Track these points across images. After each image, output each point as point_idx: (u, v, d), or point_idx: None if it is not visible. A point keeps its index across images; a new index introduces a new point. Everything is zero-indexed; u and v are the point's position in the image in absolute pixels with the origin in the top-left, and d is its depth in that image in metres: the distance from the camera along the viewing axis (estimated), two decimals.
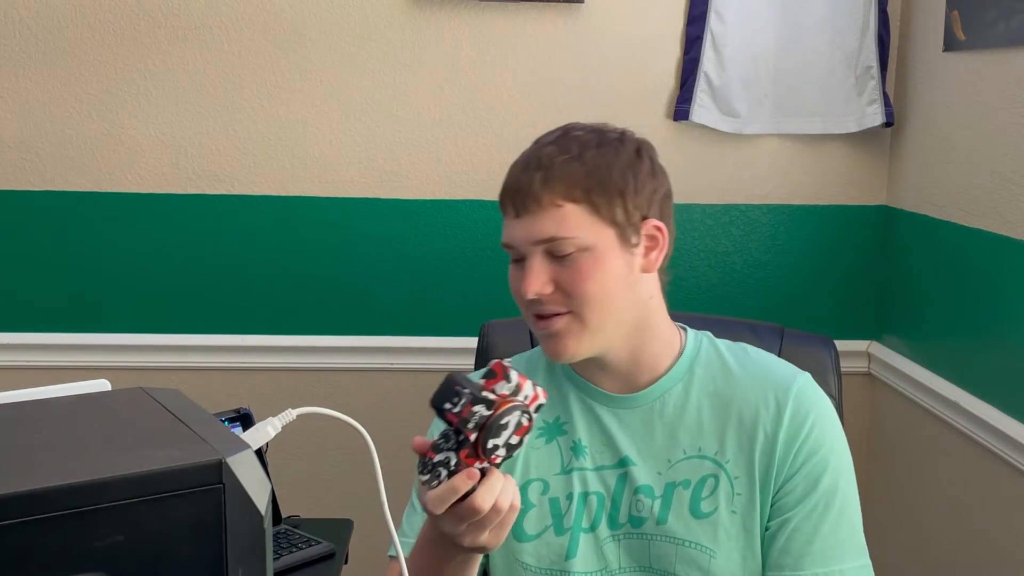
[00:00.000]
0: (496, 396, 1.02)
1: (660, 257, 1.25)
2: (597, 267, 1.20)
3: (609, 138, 1.25)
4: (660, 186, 1.26)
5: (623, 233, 1.22)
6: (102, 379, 1.24)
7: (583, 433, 1.30)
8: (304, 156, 2.29)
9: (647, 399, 1.28)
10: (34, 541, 0.64)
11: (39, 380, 1.19)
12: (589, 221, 1.20)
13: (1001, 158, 1.92)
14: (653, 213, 1.24)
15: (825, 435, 1.24)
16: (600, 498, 1.28)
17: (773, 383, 1.27)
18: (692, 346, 1.31)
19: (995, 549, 1.94)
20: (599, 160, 1.21)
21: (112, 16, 2.22)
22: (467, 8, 2.26)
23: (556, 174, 1.20)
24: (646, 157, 1.26)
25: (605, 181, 1.20)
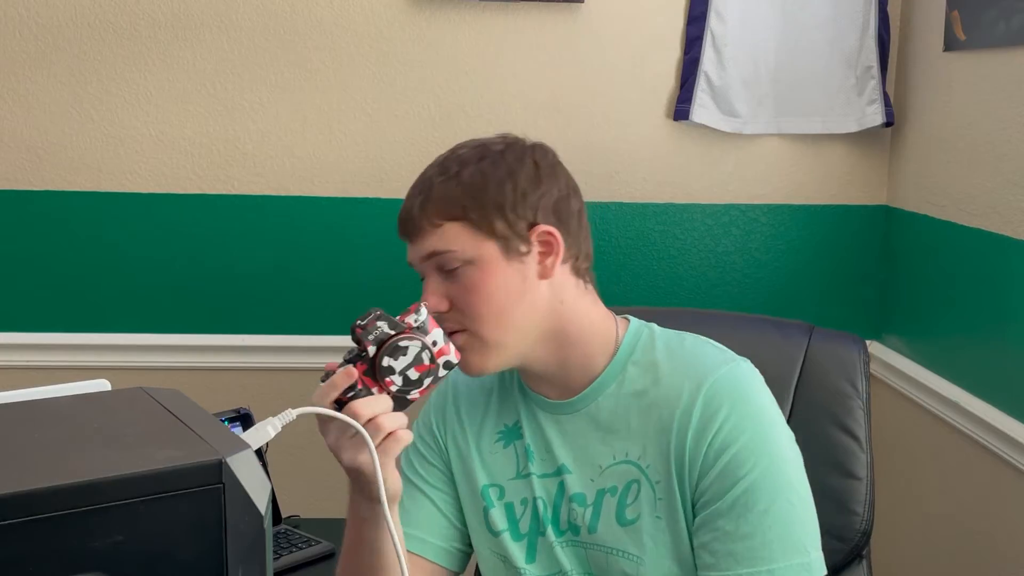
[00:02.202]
0: (403, 323, 1.10)
1: (557, 261, 1.22)
2: (484, 280, 1.19)
3: (491, 151, 1.23)
4: (550, 189, 1.23)
5: (507, 244, 1.19)
6: (102, 379, 1.24)
7: (531, 440, 1.29)
8: (304, 156, 2.29)
9: (583, 404, 1.26)
10: (34, 541, 0.64)
11: (39, 380, 1.19)
12: (469, 235, 1.19)
13: (1001, 158, 1.92)
14: (543, 218, 1.22)
15: (742, 427, 1.17)
16: (544, 505, 1.28)
17: (692, 375, 1.22)
18: (628, 342, 1.27)
19: (995, 549, 1.94)
20: (475, 176, 1.20)
21: (112, 16, 2.22)
22: (467, 8, 2.26)
23: (433, 196, 1.20)
24: (529, 163, 1.23)
25: (480, 196, 1.19)
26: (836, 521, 1.45)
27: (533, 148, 1.27)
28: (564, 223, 1.23)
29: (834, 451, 1.48)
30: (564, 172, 1.28)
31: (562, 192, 1.25)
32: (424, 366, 1.10)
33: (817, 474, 1.43)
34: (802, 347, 1.53)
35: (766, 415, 1.20)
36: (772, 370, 1.48)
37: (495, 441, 1.31)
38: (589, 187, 2.31)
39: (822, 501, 1.43)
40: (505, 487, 1.30)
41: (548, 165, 1.26)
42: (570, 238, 1.23)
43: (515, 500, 1.29)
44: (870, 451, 1.49)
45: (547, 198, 1.23)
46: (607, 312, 1.30)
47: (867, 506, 1.47)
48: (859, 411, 1.49)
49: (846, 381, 1.47)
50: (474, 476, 1.32)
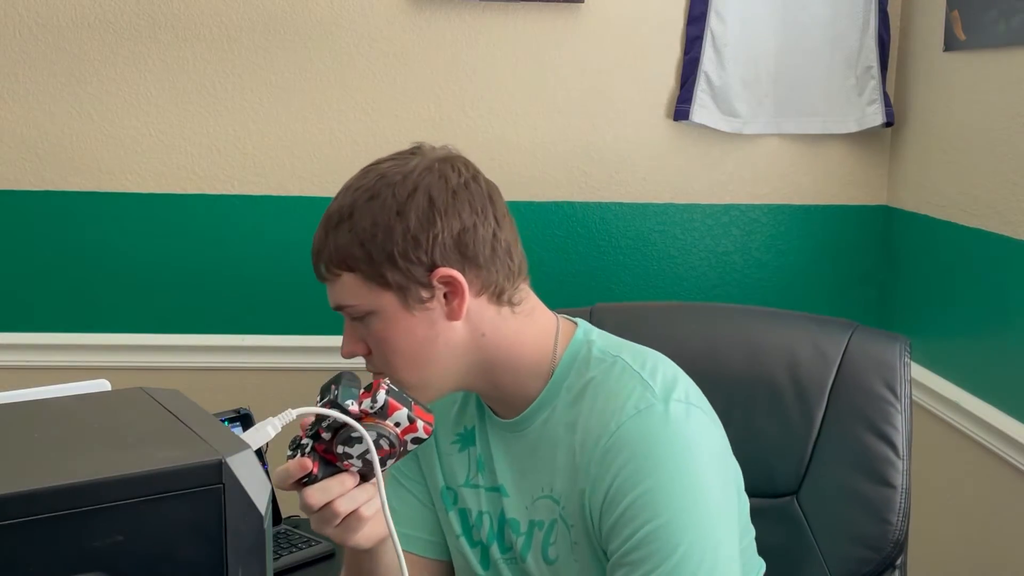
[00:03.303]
0: (358, 410, 1.03)
1: (464, 303, 1.13)
2: (388, 331, 1.14)
3: (382, 187, 1.14)
4: (448, 225, 1.13)
5: (404, 294, 1.12)
6: (102, 379, 1.24)
7: (482, 450, 1.26)
8: (304, 156, 2.29)
9: (524, 426, 1.20)
10: (34, 541, 0.64)
11: (39, 380, 1.19)
12: (365, 288, 1.13)
13: (1001, 158, 1.92)
14: (443, 260, 1.12)
15: (642, 477, 1.08)
16: (490, 519, 1.25)
17: (604, 417, 1.12)
18: (564, 365, 1.18)
19: (995, 549, 1.94)
20: (365, 221, 1.12)
21: (112, 16, 2.22)
22: (467, 8, 2.26)
23: (328, 245, 1.14)
24: (421, 200, 1.13)
25: (370, 245, 1.12)
26: (868, 530, 1.40)
27: (431, 175, 1.15)
28: (470, 258, 1.14)
29: (867, 457, 1.42)
30: (470, 195, 1.16)
31: (465, 223, 1.14)
32: (385, 451, 1.04)
33: (849, 480, 1.41)
34: (840, 346, 1.46)
35: (673, 466, 1.09)
36: (807, 371, 1.45)
37: (452, 442, 1.29)
38: (589, 187, 2.33)
39: (852, 508, 1.40)
40: (458, 493, 1.28)
41: (446, 195, 1.14)
42: (480, 272, 1.14)
43: (467, 507, 1.27)
44: (908, 458, 1.42)
45: (444, 236, 1.13)
46: (544, 328, 1.21)
47: (901, 515, 1.40)
48: (896, 416, 1.42)
49: (883, 384, 1.42)
50: (435, 476, 1.30)
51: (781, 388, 1.47)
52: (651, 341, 1.53)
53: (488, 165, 2.28)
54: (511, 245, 1.19)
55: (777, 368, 1.48)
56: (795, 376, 1.46)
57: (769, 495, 1.46)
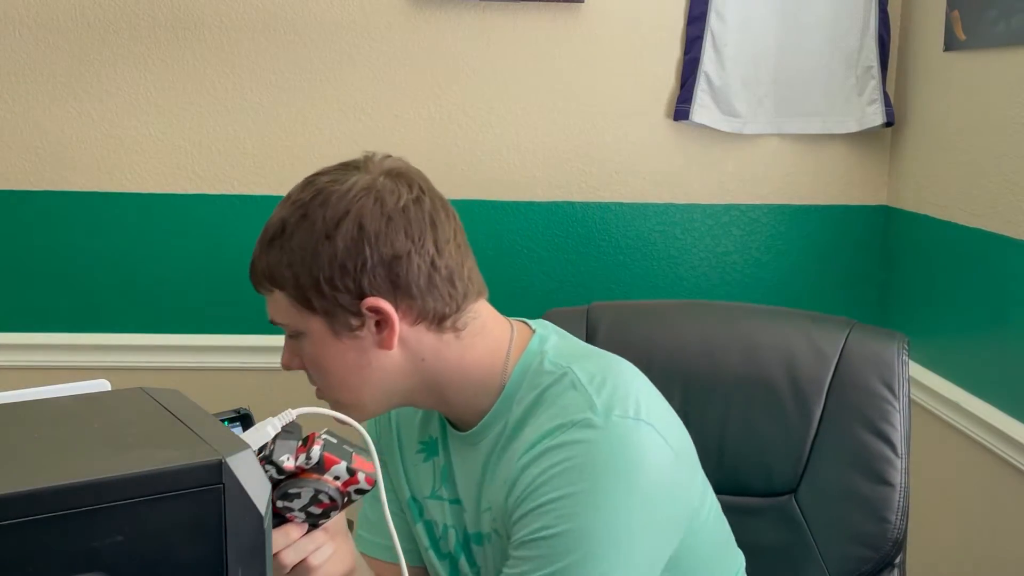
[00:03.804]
0: (293, 465, 1.00)
1: (395, 335, 1.08)
2: (318, 354, 1.10)
3: (316, 205, 1.09)
4: (375, 255, 1.07)
5: (332, 320, 1.08)
6: (102, 379, 1.24)
7: (445, 460, 1.22)
8: (304, 156, 2.29)
9: (477, 439, 1.16)
10: (34, 541, 0.64)
11: (39, 380, 1.18)
12: (295, 308, 1.09)
13: (1001, 158, 1.92)
14: (372, 289, 1.07)
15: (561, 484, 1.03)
16: (455, 532, 1.22)
17: (546, 421, 1.09)
18: (516, 377, 1.14)
19: (995, 549, 1.94)
20: (295, 241, 1.08)
21: (112, 16, 2.22)
22: (467, 8, 2.26)
23: (262, 259, 1.11)
24: (350, 226, 1.07)
25: (298, 267, 1.07)
26: (866, 529, 1.40)
27: (367, 197, 1.09)
28: (402, 288, 1.08)
29: (865, 456, 1.42)
30: (407, 221, 1.09)
31: (398, 252, 1.08)
32: (324, 504, 1.01)
33: (847, 479, 1.41)
34: (838, 344, 1.46)
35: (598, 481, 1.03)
36: (805, 369, 1.45)
37: (417, 452, 1.25)
38: (589, 187, 2.33)
39: (851, 507, 1.40)
40: (424, 505, 1.25)
41: (379, 222, 1.08)
42: (414, 302, 1.09)
43: (434, 519, 1.24)
44: (907, 456, 1.42)
45: (374, 264, 1.07)
46: (495, 343, 1.15)
47: (900, 514, 1.40)
48: (894, 414, 1.42)
49: (881, 382, 1.41)
50: (401, 487, 1.27)
51: (779, 386, 1.47)
52: (647, 339, 1.52)
53: (488, 165, 2.30)
54: (454, 271, 1.11)
55: (775, 366, 1.47)
56: (793, 374, 1.46)
57: (767, 494, 1.46)
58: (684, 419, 1.49)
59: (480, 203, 2.31)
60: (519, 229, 2.33)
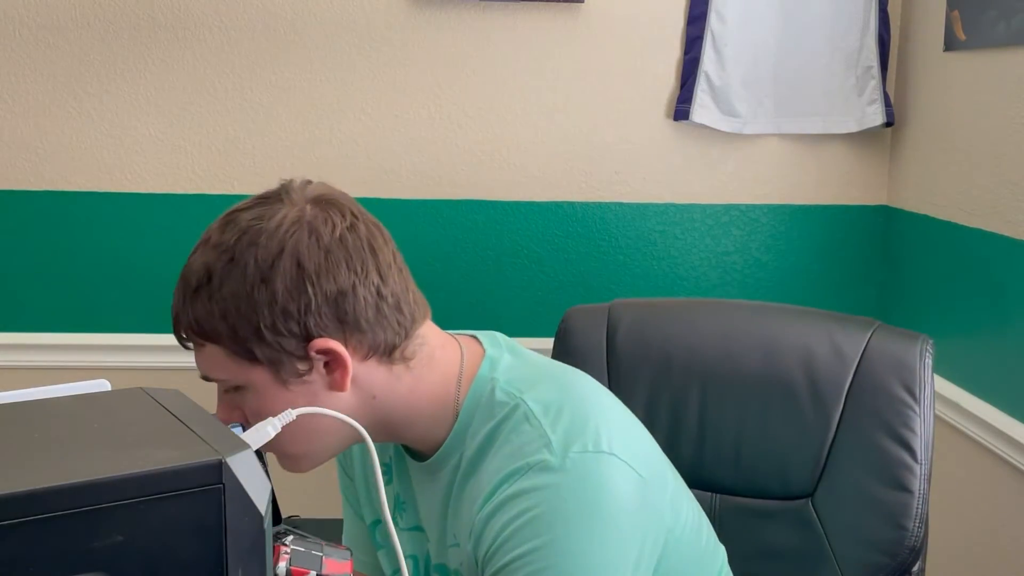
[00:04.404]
0: None
1: (347, 374, 1.02)
2: (264, 404, 1.01)
3: (243, 246, 1.00)
4: (319, 293, 0.99)
5: (277, 369, 1.00)
6: (102, 379, 1.24)
7: (400, 488, 1.17)
8: (304, 156, 2.29)
9: (436, 468, 1.11)
10: (34, 541, 0.64)
11: (39, 380, 1.18)
12: (232, 362, 1.01)
13: (1001, 158, 1.92)
14: (319, 329, 0.99)
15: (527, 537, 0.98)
16: (415, 562, 1.17)
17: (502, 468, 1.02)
18: (468, 409, 1.07)
19: (995, 549, 1.94)
20: (225, 290, 0.99)
21: (112, 16, 2.22)
22: (467, 8, 2.26)
23: (187, 312, 1.03)
24: (287, 264, 0.99)
25: (233, 318, 0.99)
26: (883, 535, 1.37)
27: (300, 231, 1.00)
28: (351, 324, 1.01)
29: (883, 461, 1.39)
30: (346, 252, 1.01)
31: (343, 287, 1.00)
32: None
33: (865, 484, 1.38)
34: (860, 346, 1.42)
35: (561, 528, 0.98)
36: (824, 370, 1.42)
37: (384, 473, 1.19)
38: (589, 187, 2.33)
39: (868, 513, 1.38)
40: None
41: (318, 256, 1.00)
42: (364, 336, 1.02)
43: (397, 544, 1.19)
44: (928, 462, 1.39)
45: (319, 303, 0.99)
46: (444, 372, 1.09)
47: (917, 521, 1.37)
48: (915, 419, 1.38)
49: (902, 385, 1.38)
50: (363, 511, 1.23)
51: (797, 387, 1.44)
52: (667, 337, 1.50)
53: (488, 165, 2.30)
54: (400, 298, 1.05)
55: (794, 367, 1.44)
56: (812, 375, 1.43)
57: (784, 497, 1.44)
58: (701, 419, 1.47)
59: (480, 203, 2.31)
60: (519, 229, 2.33)
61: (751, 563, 1.40)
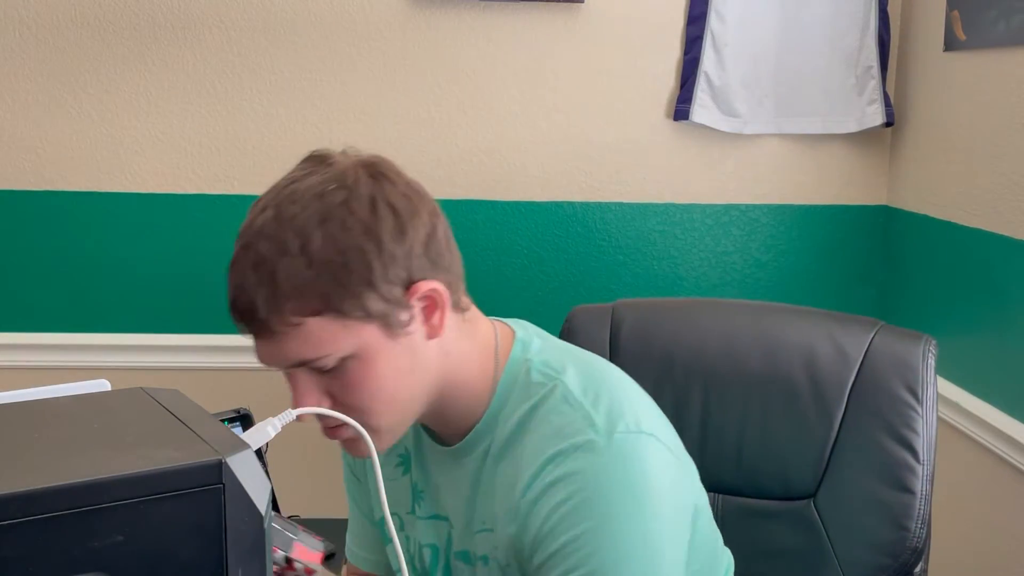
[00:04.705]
0: None
1: (445, 313, 1.01)
2: (369, 372, 0.98)
3: (333, 202, 0.97)
4: (415, 232, 0.99)
5: (387, 321, 0.97)
6: (102, 379, 1.24)
7: (419, 476, 1.15)
8: (304, 156, 2.28)
9: (464, 454, 1.09)
10: (34, 541, 0.64)
11: (39, 380, 1.19)
12: (341, 329, 0.96)
13: (1001, 158, 1.92)
14: (419, 273, 0.99)
15: (578, 519, 0.97)
16: (434, 551, 1.15)
17: (545, 448, 1.01)
18: (504, 387, 1.07)
19: (995, 549, 1.93)
20: (328, 248, 0.95)
21: (112, 16, 2.22)
22: (467, 8, 2.26)
23: (281, 289, 0.95)
24: (385, 210, 0.97)
25: (343, 277, 0.95)
26: (885, 536, 1.37)
27: (375, 182, 0.99)
28: (440, 264, 1.01)
29: (885, 462, 1.38)
30: (417, 194, 1.02)
31: (427, 226, 1.00)
32: None
33: (867, 485, 1.38)
34: (862, 346, 1.41)
35: (614, 508, 0.98)
36: (827, 370, 1.41)
37: (395, 466, 1.18)
38: (589, 187, 2.33)
39: (870, 513, 1.37)
40: (404, 520, 1.18)
41: (405, 200, 1.00)
42: (449, 276, 1.02)
43: (411, 535, 1.18)
44: (930, 463, 1.38)
45: (416, 243, 0.99)
46: (485, 341, 1.09)
47: (920, 522, 1.36)
48: (917, 420, 1.38)
49: (904, 386, 1.38)
50: (375, 504, 1.21)
51: (799, 388, 1.43)
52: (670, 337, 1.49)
53: (488, 165, 2.30)
54: (451, 238, 1.05)
55: (796, 367, 1.44)
56: (814, 376, 1.43)
57: (786, 497, 1.43)
58: (703, 419, 1.46)
59: (480, 203, 2.31)
60: (519, 229, 2.33)
61: (753, 563, 1.40)
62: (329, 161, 1.02)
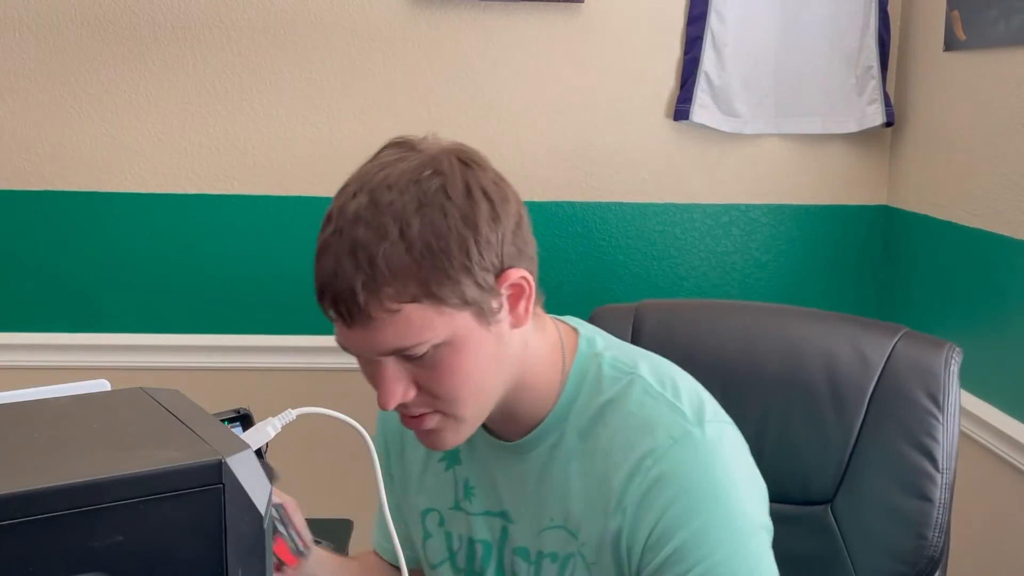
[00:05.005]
0: None
1: (530, 303, 1.01)
2: (461, 360, 0.98)
3: (430, 188, 0.95)
4: (506, 220, 0.98)
5: (480, 309, 0.97)
6: (102, 379, 1.24)
7: (471, 472, 1.14)
8: (304, 156, 2.29)
9: (527, 449, 1.09)
10: (34, 541, 0.64)
11: (39, 380, 1.19)
12: (437, 316, 0.95)
13: (1001, 158, 1.92)
14: (509, 260, 0.98)
15: (690, 517, 0.98)
16: (487, 547, 1.14)
17: (635, 446, 1.01)
18: (574, 382, 1.07)
19: (995, 549, 1.93)
20: (427, 233, 0.93)
21: (112, 16, 2.22)
22: (467, 8, 2.26)
23: (381, 274, 0.92)
24: (480, 197, 0.97)
25: (442, 263, 0.94)
26: (902, 544, 1.35)
27: (467, 169, 0.99)
28: (525, 252, 1.01)
29: (904, 470, 1.36)
30: (504, 182, 1.02)
31: (515, 214, 1.01)
32: None
33: (885, 492, 1.36)
34: (884, 352, 1.39)
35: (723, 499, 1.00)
36: (847, 375, 1.40)
37: (438, 460, 1.17)
38: (589, 187, 2.33)
39: (887, 521, 1.36)
40: (445, 515, 1.18)
41: (495, 187, 1.00)
42: (532, 265, 1.02)
43: (454, 531, 1.17)
44: (950, 471, 1.36)
45: (507, 232, 0.98)
46: (552, 337, 1.09)
47: (938, 530, 1.35)
48: (937, 427, 1.36)
49: (925, 393, 1.36)
50: (412, 499, 1.21)
51: (819, 393, 1.42)
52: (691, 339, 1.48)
53: None
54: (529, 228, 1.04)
55: (816, 372, 1.42)
56: (834, 381, 1.41)
57: (803, 502, 1.42)
58: None
59: None
60: None
61: None
62: (417, 147, 1.01)
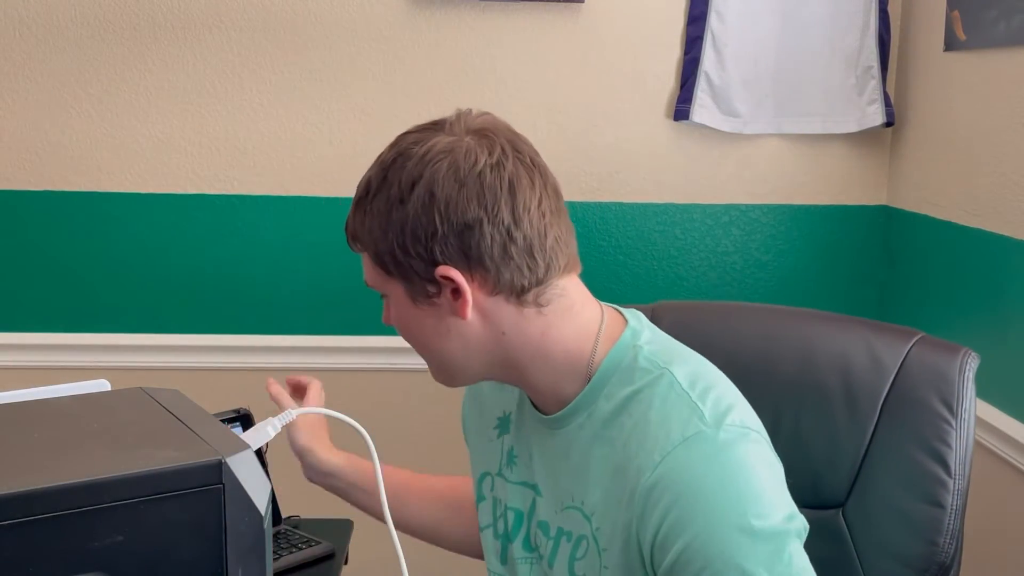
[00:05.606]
0: None
1: (467, 304, 1.05)
2: (399, 317, 1.10)
3: (395, 168, 1.06)
4: (446, 224, 1.03)
5: (410, 286, 1.06)
6: (102, 379, 1.24)
7: (516, 441, 1.19)
8: (304, 156, 2.29)
9: (559, 425, 1.12)
10: (34, 541, 0.64)
11: (39, 380, 1.19)
12: (376, 271, 1.08)
13: (1001, 158, 1.92)
14: (444, 257, 1.03)
15: (691, 519, 0.99)
16: (518, 516, 1.18)
17: (648, 448, 1.03)
18: (606, 368, 1.09)
19: (996, 549, 1.93)
20: (375, 205, 1.06)
21: (112, 16, 2.22)
22: (467, 8, 2.26)
23: (351, 220, 1.10)
24: (422, 193, 1.03)
25: (377, 232, 1.06)
26: (913, 550, 1.34)
27: (443, 161, 1.05)
28: (475, 258, 1.04)
29: (917, 475, 1.35)
30: (480, 187, 1.04)
31: (469, 220, 1.03)
32: None
33: (897, 497, 1.35)
34: (899, 357, 1.38)
35: (730, 502, 1.00)
36: (861, 379, 1.39)
37: (493, 427, 1.24)
38: (589, 187, 2.33)
39: (899, 526, 1.35)
40: (495, 481, 1.23)
41: (452, 188, 1.03)
42: (488, 273, 1.04)
43: (500, 497, 1.22)
44: (963, 478, 1.35)
45: (445, 233, 1.03)
46: (584, 326, 1.11)
47: (949, 537, 1.33)
48: (951, 433, 1.34)
49: (939, 399, 1.35)
50: (476, 465, 1.26)
51: (833, 396, 1.41)
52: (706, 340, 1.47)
53: None
54: (534, 243, 1.05)
55: (830, 375, 1.42)
56: (848, 385, 1.41)
57: (815, 506, 1.40)
58: None
59: None
60: None
61: None
62: (444, 126, 1.10)
